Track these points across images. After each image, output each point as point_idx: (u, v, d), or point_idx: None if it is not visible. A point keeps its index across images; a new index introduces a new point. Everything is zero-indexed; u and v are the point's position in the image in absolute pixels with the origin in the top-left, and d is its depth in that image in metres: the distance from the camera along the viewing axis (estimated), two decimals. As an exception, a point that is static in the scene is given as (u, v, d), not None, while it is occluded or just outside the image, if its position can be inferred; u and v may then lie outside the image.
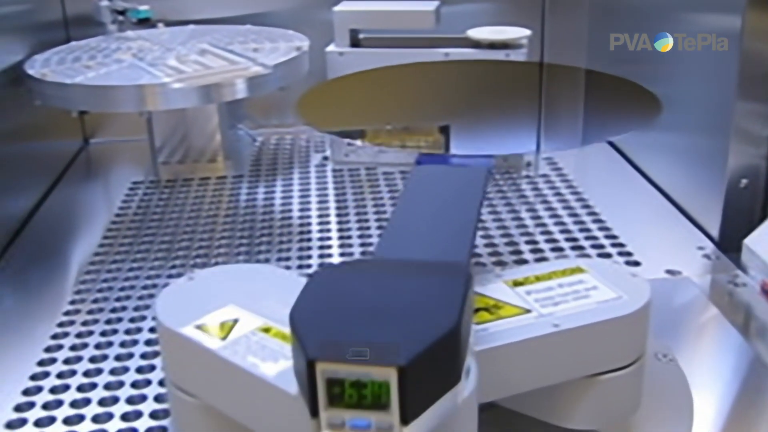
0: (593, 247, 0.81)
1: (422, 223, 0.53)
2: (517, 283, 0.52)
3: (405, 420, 0.37)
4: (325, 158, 1.08)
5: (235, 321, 0.49)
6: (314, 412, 0.38)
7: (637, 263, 0.78)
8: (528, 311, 0.49)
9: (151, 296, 0.75)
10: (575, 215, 0.89)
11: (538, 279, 0.53)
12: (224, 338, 0.47)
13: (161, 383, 0.62)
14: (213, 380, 0.47)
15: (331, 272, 0.45)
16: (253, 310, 0.50)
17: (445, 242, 0.50)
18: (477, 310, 0.49)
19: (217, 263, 0.81)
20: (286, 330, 0.43)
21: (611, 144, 1.08)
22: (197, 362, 0.48)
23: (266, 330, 0.48)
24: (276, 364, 0.45)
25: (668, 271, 0.76)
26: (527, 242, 0.83)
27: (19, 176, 0.95)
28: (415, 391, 0.37)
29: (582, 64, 1.16)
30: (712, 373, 0.62)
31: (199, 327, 0.48)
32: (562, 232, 0.85)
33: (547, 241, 0.83)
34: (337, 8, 1.00)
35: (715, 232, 0.82)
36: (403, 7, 1.00)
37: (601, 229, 0.85)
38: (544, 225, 0.87)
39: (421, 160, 0.62)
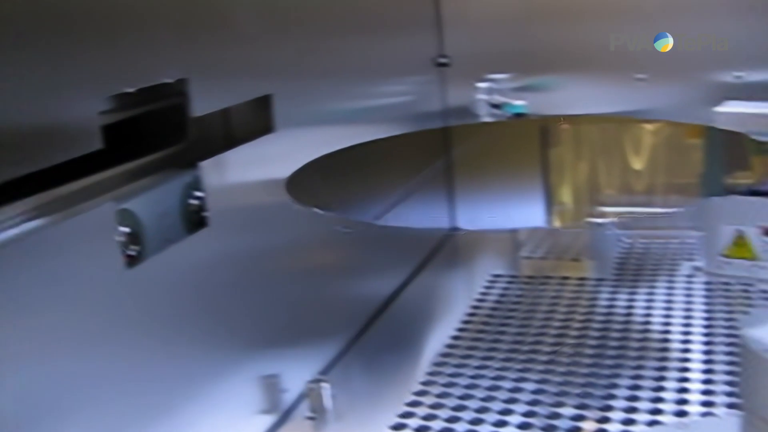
0: None
1: None
2: None
3: None
4: (697, 268, 1.00)
5: None
6: None
7: None
8: None
9: (492, 399, 0.74)
10: None
11: None
12: None
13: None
14: None
15: None
16: None
17: None
18: None
19: (563, 372, 0.78)
20: None
21: None
22: None
23: None
24: None
25: None
26: None
27: (386, 259, 0.99)
28: None
29: None
30: None
31: None
32: None
33: None
34: (719, 108, 0.93)
35: None
36: (797, 109, 0.90)
37: None
38: None
39: None
